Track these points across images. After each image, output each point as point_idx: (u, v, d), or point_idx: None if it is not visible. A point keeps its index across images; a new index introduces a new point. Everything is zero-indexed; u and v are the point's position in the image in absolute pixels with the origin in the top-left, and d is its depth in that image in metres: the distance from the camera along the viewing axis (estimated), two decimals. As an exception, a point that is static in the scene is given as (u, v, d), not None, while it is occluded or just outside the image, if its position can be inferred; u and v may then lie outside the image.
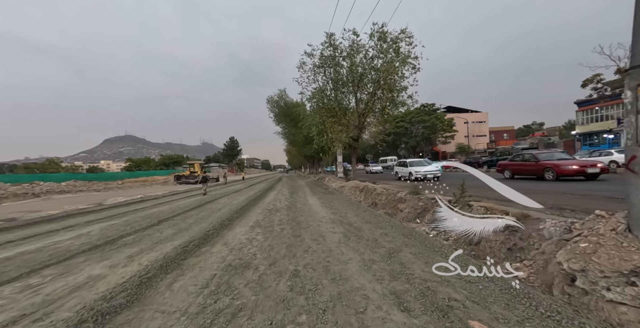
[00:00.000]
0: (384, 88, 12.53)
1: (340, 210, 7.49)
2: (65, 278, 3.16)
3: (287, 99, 28.45)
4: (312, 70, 14.20)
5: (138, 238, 5.17)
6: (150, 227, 6.26)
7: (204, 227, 6.02)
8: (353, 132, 14.17)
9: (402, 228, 5.02)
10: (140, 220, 7.39)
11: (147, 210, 9.34)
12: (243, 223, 6.28)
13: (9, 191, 18.39)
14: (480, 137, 53.42)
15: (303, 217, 6.65)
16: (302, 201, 10.11)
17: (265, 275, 3.05)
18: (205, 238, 4.90)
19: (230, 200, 11.46)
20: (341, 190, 13.59)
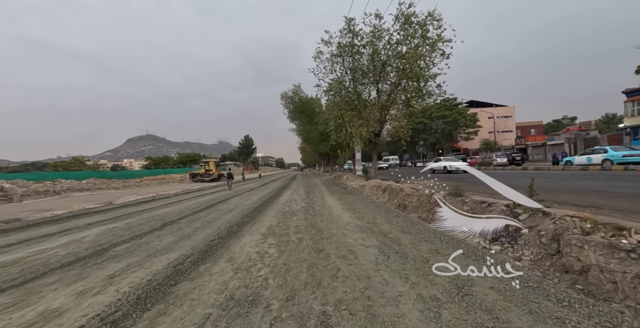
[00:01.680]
0: (409, 77, 11.23)
1: (366, 214, 6.42)
2: (8, 315, 2.33)
3: (301, 94, 27.51)
4: (330, 60, 13.12)
5: (132, 248, 4.38)
6: (151, 232, 5.49)
7: (209, 233, 5.16)
8: (374, 127, 12.97)
9: (455, 242, 3.89)
10: (144, 222, 6.69)
11: (154, 211, 8.71)
12: (254, 229, 5.37)
13: (32, 189, 18.73)
14: (506, 132, 50.08)
15: (324, 223, 5.64)
16: (320, 202, 9.12)
17: (280, 322, 2.06)
18: (207, 251, 4.01)
19: (242, 200, 10.68)
20: (361, 189, 12.48)
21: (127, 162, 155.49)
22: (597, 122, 50.69)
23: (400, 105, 12.86)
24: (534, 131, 58.02)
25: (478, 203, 5.19)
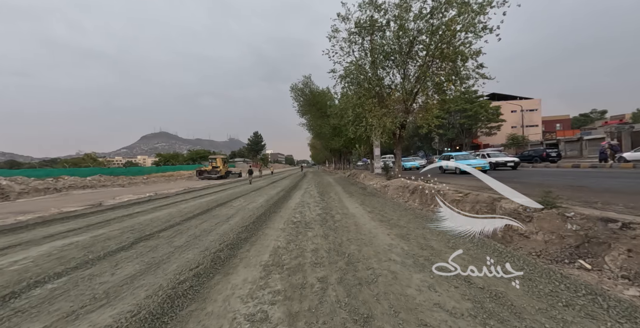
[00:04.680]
0: (446, 54, 9.23)
1: (411, 230, 4.64)
2: None
3: (312, 86, 25.68)
4: (347, 40, 11.26)
5: (66, 288, 2.81)
6: (112, 255, 3.93)
7: (187, 261, 3.53)
8: (400, 117, 11.07)
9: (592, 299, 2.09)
10: (117, 235, 5.17)
11: (141, 217, 7.23)
12: (252, 256, 3.70)
13: (31, 186, 17.90)
14: (531, 127, 46.63)
15: (353, 245, 3.91)
16: (338, 207, 7.40)
17: None
18: (170, 307, 2.37)
19: (246, 203, 9.10)
20: (384, 190, 10.67)
21: (141, 158, 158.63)
22: (633, 114, 46.42)
23: (430, 91, 10.88)
24: (559, 126, 54.19)
25: (597, 222, 3.34)
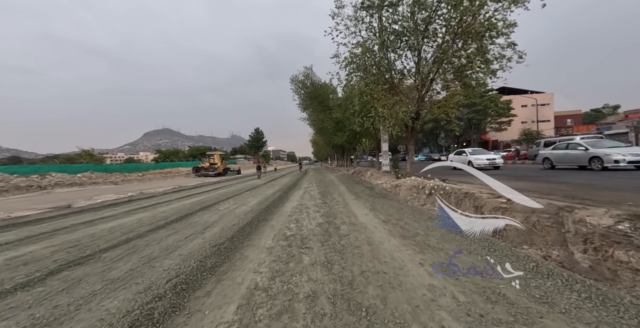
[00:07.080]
0: (472, 28, 7.68)
1: (450, 253, 3.22)
2: None
3: (314, 78, 24.11)
4: (353, 18, 9.73)
5: None
6: (23, 290, 2.58)
7: (98, 319, 2.16)
8: (414, 107, 9.57)
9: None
10: (43, 257, 3.81)
11: (102, 225, 5.88)
12: (209, 309, 2.31)
13: (11, 184, 16.70)
14: (542, 122, 44.64)
15: (372, 288, 2.50)
16: (344, 214, 5.99)
17: None
18: None
19: (234, 206, 7.72)
20: (395, 191, 9.23)
21: (143, 155, 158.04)
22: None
23: (450, 74, 9.34)
24: (570, 121, 52.19)
25: None
